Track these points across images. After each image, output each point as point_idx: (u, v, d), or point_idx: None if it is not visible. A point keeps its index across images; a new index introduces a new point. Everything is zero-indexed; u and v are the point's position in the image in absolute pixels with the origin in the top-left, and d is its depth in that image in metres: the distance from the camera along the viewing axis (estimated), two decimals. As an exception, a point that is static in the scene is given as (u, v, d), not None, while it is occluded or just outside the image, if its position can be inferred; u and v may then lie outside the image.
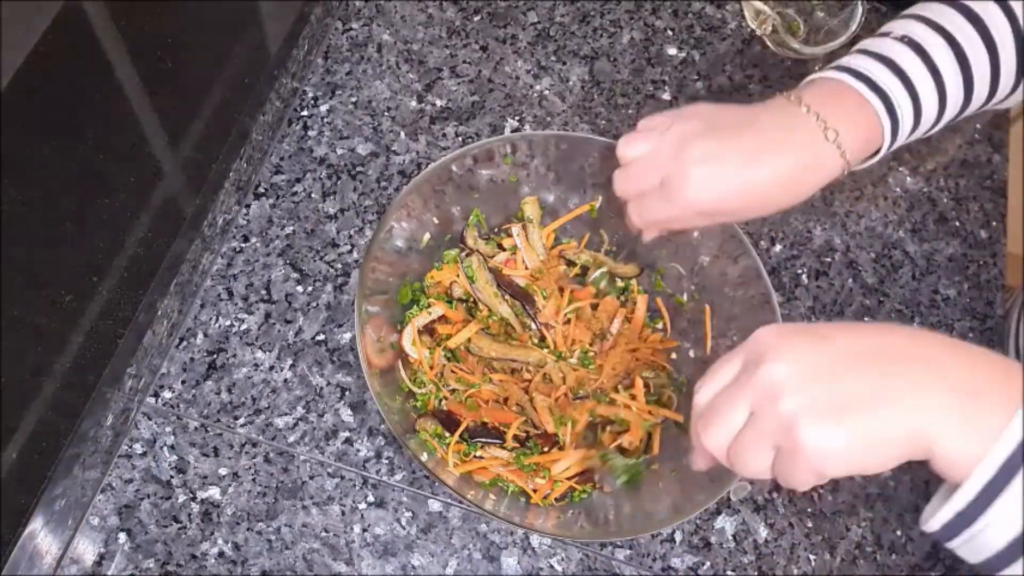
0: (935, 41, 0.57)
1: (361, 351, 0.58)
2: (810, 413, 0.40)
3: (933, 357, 0.40)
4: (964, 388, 0.39)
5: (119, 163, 0.70)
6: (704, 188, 0.55)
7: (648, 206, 0.58)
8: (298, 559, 0.63)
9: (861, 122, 0.56)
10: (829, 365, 0.41)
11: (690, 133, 0.56)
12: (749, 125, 0.56)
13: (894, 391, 0.39)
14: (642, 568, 0.65)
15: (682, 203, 0.55)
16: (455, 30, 0.87)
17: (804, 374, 0.41)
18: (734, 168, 0.55)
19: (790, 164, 0.55)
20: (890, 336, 0.42)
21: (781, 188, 0.56)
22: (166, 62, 0.75)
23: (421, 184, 0.65)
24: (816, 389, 0.40)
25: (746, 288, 0.65)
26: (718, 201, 0.55)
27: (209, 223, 0.71)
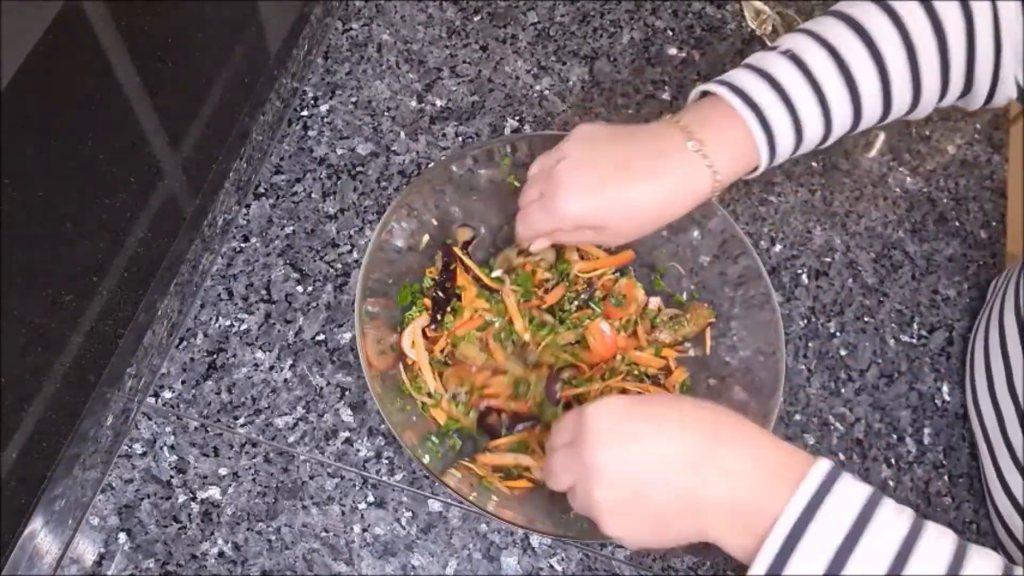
0: (816, 54, 0.57)
1: (362, 353, 0.58)
2: (612, 510, 0.48)
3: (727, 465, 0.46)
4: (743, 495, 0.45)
5: (119, 163, 0.70)
6: (574, 199, 0.57)
7: (530, 217, 0.60)
8: (298, 559, 0.63)
9: (734, 139, 0.57)
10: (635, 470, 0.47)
11: (568, 149, 0.59)
12: (623, 141, 0.58)
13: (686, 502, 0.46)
14: (642, 568, 0.65)
15: (556, 213, 0.57)
16: (455, 30, 0.87)
17: (615, 473, 0.47)
18: (603, 180, 0.57)
19: (659, 179, 0.57)
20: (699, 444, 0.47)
21: (650, 202, 0.57)
22: (166, 62, 0.75)
23: (422, 185, 0.65)
24: (621, 491, 0.47)
25: (746, 288, 0.65)
26: (589, 212, 0.57)
27: (209, 223, 0.71)
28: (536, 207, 0.60)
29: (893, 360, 0.75)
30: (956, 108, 0.66)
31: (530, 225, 0.61)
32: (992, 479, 0.67)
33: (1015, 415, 0.63)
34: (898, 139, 0.86)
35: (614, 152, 0.58)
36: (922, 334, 0.77)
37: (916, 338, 0.76)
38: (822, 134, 0.59)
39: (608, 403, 0.50)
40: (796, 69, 0.57)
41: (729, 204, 0.80)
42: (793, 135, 0.58)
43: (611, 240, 0.63)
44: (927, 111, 0.62)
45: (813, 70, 0.57)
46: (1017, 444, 0.63)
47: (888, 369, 0.75)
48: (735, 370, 0.66)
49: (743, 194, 0.81)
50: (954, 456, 0.72)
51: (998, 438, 0.66)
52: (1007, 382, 0.65)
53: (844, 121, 0.59)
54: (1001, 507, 0.66)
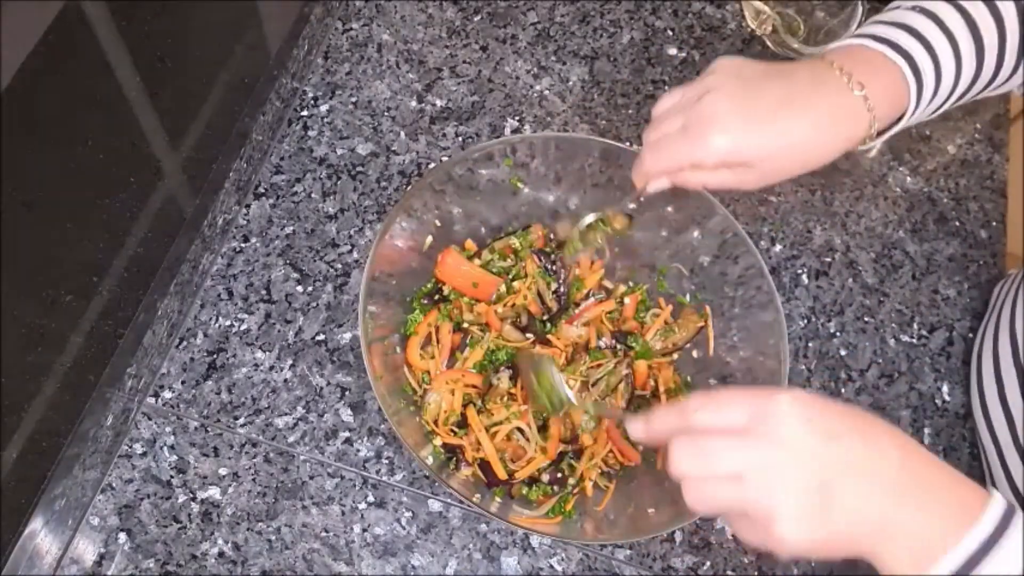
0: (945, 8, 0.57)
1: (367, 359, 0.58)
2: (796, 513, 0.43)
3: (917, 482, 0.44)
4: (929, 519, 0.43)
5: (119, 163, 0.70)
6: (729, 132, 0.53)
7: (666, 147, 0.56)
8: (298, 559, 0.63)
9: (888, 80, 0.56)
10: (830, 472, 0.43)
11: (715, 82, 0.55)
12: (777, 76, 0.56)
13: (871, 512, 0.43)
14: (642, 568, 0.65)
15: (704, 146, 0.54)
16: (455, 30, 0.87)
17: (806, 476, 0.43)
18: (762, 111, 0.54)
19: (819, 112, 0.54)
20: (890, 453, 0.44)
21: (808, 137, 0.54)
22: (166, 62, 0.75)
23: (423, 187, 0.65)
24: (812, 494, 0.43)
25: (746, 288, 0.65)
26: (743, 146, 0.54)
27: (209, 223, 0.71)
28: (675, 138, 0.55)
29: (893, 360, 0.75)
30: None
31: (664, 157, 0.56)
32: (1000, 481, 0.67)
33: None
34: (898, 139, 0.86)
35: (772, 87, 0.55)
36: (922, 334, 0.77)
37: (916, 338, 0.76)
38: (950, 88, 0.58)
39: (801, 393, 0.45)
40: (932, 22, 0.57)
41: (729, 204, 0.80)
42: (934, 84, 0.57)
43: (751, 183, 0.57)
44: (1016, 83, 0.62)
45: (947, 23, 0.57)
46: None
47: (888, 369, 0.75)
48: (735, 370, 0.66)
49: (743, 194, 0.81)
50: (954, 456, 0.72)
51: (1008, 441, 0.66)
52: (1020, 386, 0.65)
53: (968, 77, 0.58)
54: None
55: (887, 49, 0.56)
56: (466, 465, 0.62)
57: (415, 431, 0.62)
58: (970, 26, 0.57)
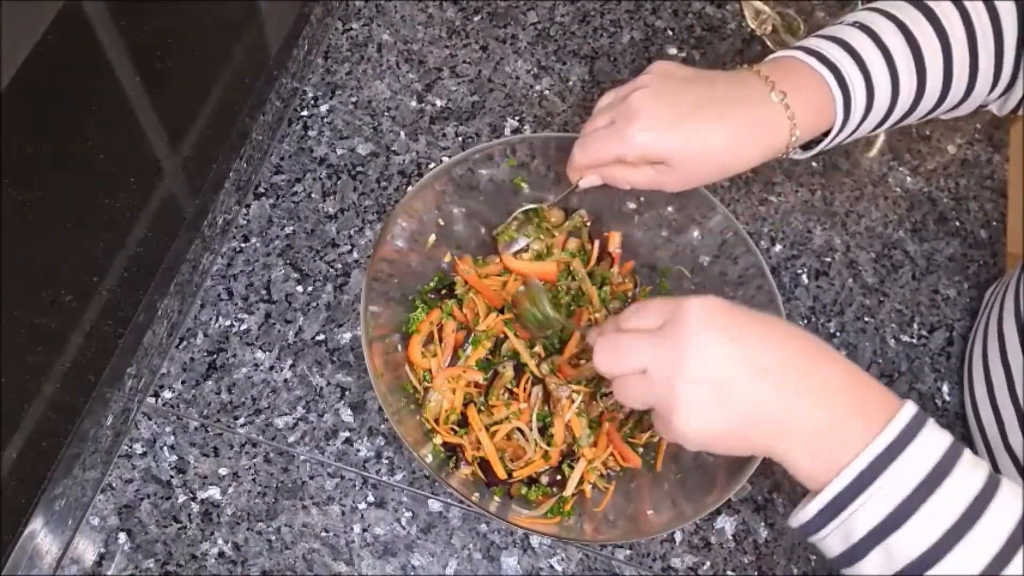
0: (886, 26, 0.58)
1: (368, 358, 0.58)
2: (691, 405, 0.46)
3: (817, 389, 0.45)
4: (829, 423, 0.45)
5: (119, 163, 0.70)
6: (648, 127, 0.55)
7: (593, 142, 0.58)
8: (298, 559, 0.63)
9: (811, 91, 0.57)
10: (726, 371, 0.45)
11: (646, 80, 0.58)
12: (703, 81, 0.58)
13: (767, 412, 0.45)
14: (642, 568, 0.65)
15: (626, 140, 0.56)
16: (455, 30, 0.87)
17: (703, 372, 0.45)
18: (681, 111, 0.55)
19: (737, 117, 0.56)
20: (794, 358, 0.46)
21: (725, 146, 0.56)
22: (166, 62, 0.75)
23: (425, 187, 0.65)
24: (706, 388, 0.45)
25: (746, 288, 0.65)
26: (660, 143, 0.55)
27: (209, 223, 0.71)
28: (603, 133, 0.58)
29: (893, 360, 0.75)
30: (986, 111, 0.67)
31: (592, 151, 0.58)
32: None
33: (1016, 420, 0.63)
34: (898, 139, 0.86)
35: (695, 90, 0.57)
36: (922, 334, 0.77)
37: (916, 338, 0.76)
38: (888, 105, 0.59)
39: (712, 299, 0.48)
40: (868, 37, 0.57)
41: (729, 204, 0.80)
42: (865, 100, 0.58)
43: (672, 184, 0.60)
44: (975, 104, 0.62)
45: (885, 40, 0.57)
46: (1018, 448, 0.63)
47: (888, 369, 0.75)
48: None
49: (743, 194, 0.81)
50: (954, 456, 0.72)
51: (998, 443, 0.66)
52: (1008, 387, 0.65)
53: (908, 95, 0.59)
54: None
55: (814, 61, 0.57)
56: (466, 464, 0.62)
57: (415, 430, 0.62)
58: (909, 42, 0.58)
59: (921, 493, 0.42)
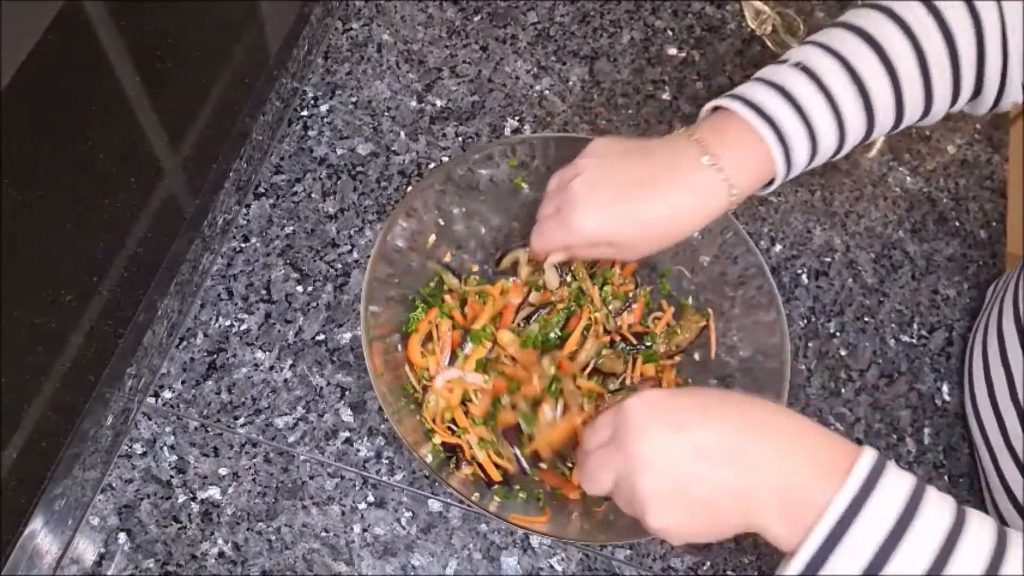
0: (829, 66, 0.57)
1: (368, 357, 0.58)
2: (659, 502, 0.47)
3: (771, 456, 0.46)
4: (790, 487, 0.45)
5: (119, 163, 0.70)
6: (589, 215, 0.57)
7: (546, 232, 0.60)
8: (298, 559, 0.63)
9: (750, 153, 0.57)
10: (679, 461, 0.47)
11: (583, 165, 0.59)
12: (638, 156, 0.58)
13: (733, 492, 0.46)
14: (642, 568, 0.65)
15: (572, 229, 0.57)
16: (455, 30, 0.87)
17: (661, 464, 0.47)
18: (617, 196, 0.57)
19: (674, 195, 0.57)
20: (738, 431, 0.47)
21: (666, 218, 0.57)
22: (166, 62, 0.75)
23: (425, 187, 0.65)
24: (662, 483, 0.47)
25: (746, 288, 0.65)
26: (603, 228, 0.57)
27: (209, 223, 0.71)
28: (552, 222, 0.59)
29: (893, 360, 0.75)
30: (962, 113, 0.66)
31: (546, 240, 0.61)
32: (994, 481, 0.67)
33: (1017, 420, 0.63)
34: (898, 139, 0.86)
35: (629, 168, 0.58)
36: (922, 334, 0.77)
37: (916, 338, 0.76)
38: (836, 145, 0.59)
39: (647, 395, 0.49)
40: (809, 81, 0.57)
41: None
42: (808, 147, 0.57)
43: (626, 255, 0.63)
44: (939, 117, 0.61)
45: (826, 82, 0.57)
46: (1019, 449, 0.63)
47: (888, 369, 0.75)
48: (735, 370, 0.66)
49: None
50: (954, 456, 0.72)
51: (999, 442, 0.66)
52: (1008, 388, 0.65)
53: (858, 131, 0.59)
54: (1004, 510, 0.66)
55: (752, 116, 0.56)
56: (466, 464, 0.62)
57: (415, 430, 0.62)
58: (855, 81, 0.57)
59: (892, 540, 0.42)
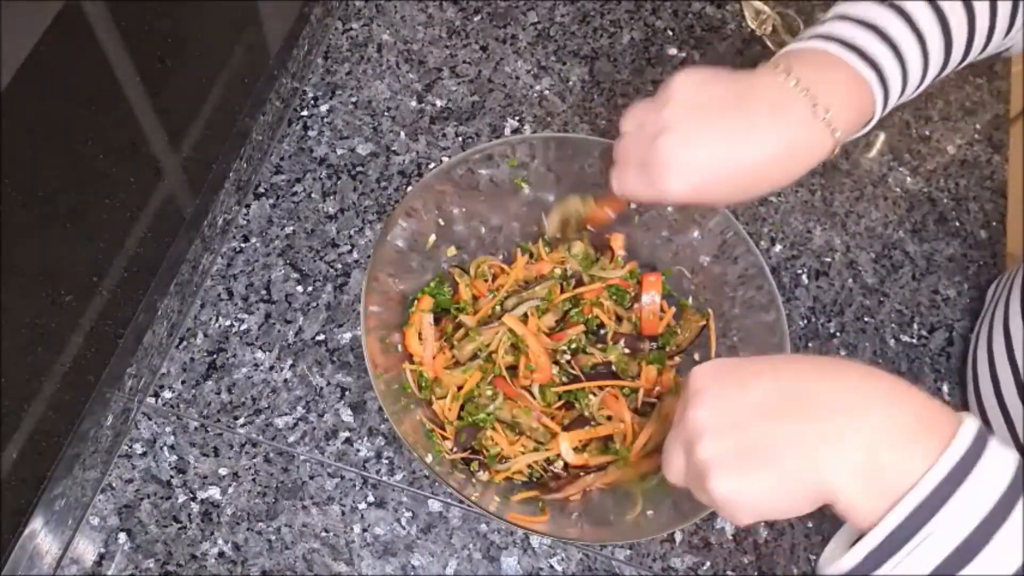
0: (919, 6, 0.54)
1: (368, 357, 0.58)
2: (719, 464, 0.42)
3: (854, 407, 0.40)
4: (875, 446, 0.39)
5: (119, 163, 0.70)
6: (683, 176, 0.52)
7: (630, 184, 0.56)
8: (298, 559, 0.63)
9: (853, 96, 0.53)
10: (746, 414, 0.42)
11: (671, 118, 0.53)
12: (735, 103, 0.53)
13: (801, 445, 0.40)
14: (642, 568, 0.65)
15: (661, 190, 0.53)
16: (455, 30, 0.87)
17: (720, 424, 0.43)
18: (717, 151, 0.52)
19: (778, 144, 0.52)
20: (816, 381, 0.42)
21: (769, 169, 0.53)
22: (166, 62, 0.75)
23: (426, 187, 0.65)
24: (726, 444, 0.42)
25: (746, 288, 0.65)
26: (699, 189, 0.53)
27: (209, 223, 0.71)
28: (636, 177, 0.54)
29: (893, 360, 0.75)
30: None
31: (628, 192, 0.56)
32: None
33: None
34: (898, 139, 0.86)
35: (727, 117, 0.52)
36: (922, 334, 0.77)
37: (916, 338, 0.76)
38: (916, 85, 0.56)
39: (713, 361, 0.46)
40: (902, 20, 0.54)
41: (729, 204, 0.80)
42: (900, 88, 0.55)
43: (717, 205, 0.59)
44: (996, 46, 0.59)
45: (915, 18, 0.54)
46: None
47: (888, 369, 0.74)
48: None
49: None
50: (954, 456, 0.72)
51: (1006, 438, 0.66)
52: (1016, 386, 0.65)
53: (935, 70, 0.56)
54: None
55: (855, 59, 0.53)
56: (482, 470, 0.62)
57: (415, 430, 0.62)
58: (942, 24, 0.55)
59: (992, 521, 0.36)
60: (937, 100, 0.88)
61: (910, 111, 0.87)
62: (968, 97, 0.89)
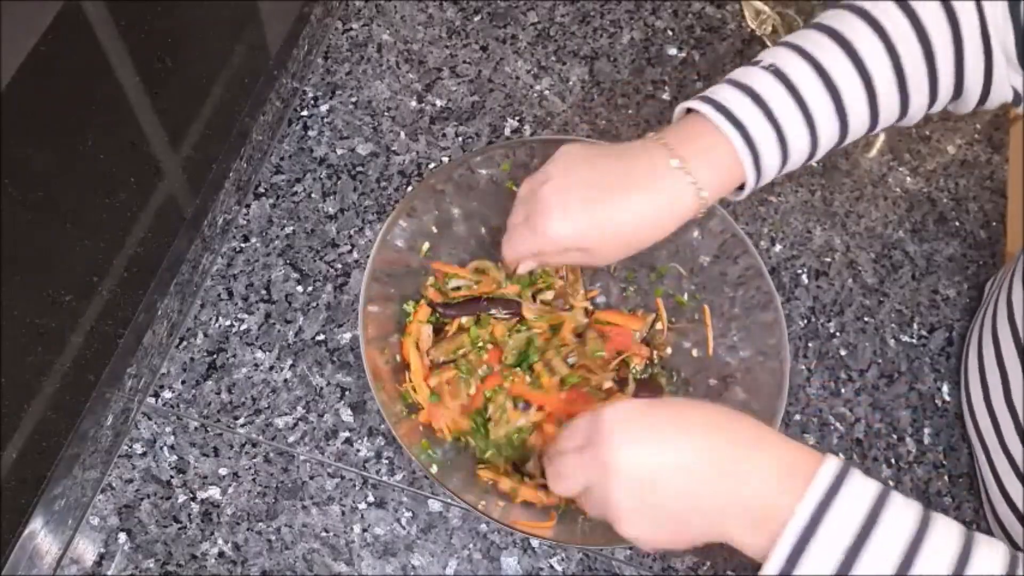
0: (800, 67, 0.56)
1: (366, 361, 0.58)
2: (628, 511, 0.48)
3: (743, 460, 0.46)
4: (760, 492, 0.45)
5: (119, 163, 0.70)
6: (557, 222, 0.56)
7: (515, 239, 0.60)
8: (298, 559, 0.63)
9: (719, 157, 0.56)
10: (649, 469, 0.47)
11: (551, 171, 0.58)
12: (605, 161, 0.58)
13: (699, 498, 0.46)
14: (642, 568, 0.65)
15: (541, 235, 0.57)
16: (455, 30, 0.87)
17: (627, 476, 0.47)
18: (586, 201, 0.56)
19: (642, 198, 0.56)
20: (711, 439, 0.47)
21: (634, 222, 0.57)
22: (166, 62, 0.75)
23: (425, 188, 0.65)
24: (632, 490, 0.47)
25: (746, 288, 0.65)
26: (572, 234, 0.56)
27: (209, 223, 0.71)
28: (522, 229, 0.59)
29: (893, 360, 0.75)
30: (948, 113, 0.65)
31: (515, 247, 0.60)
32: (991, 484, 0.67)
33: (1012, 424, 0.63)
34: (898, 139, 0.86)
35: (596, 173, 0.57)
36: (922, 334, 0.77)
37: (916, 338, 0.76)
38: (808, 150, 0.58)
39: (626, 405, 0.50)
40: (780, 84, 0.56)
41: (729, 204, 0.80)
42: (779, 152, 0.57)
43: (597, 261, 0.62)
44: (917, 118, 0.60)
45: (797, 85, 0.56)
46: (1016, 452, 0.63)
47: (888, 369, 0.75)
48: (735, 371, 0.66)
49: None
50: (954, 456, 0.72)
51: (995, 445, 0.66)
52: (1003, 391, 0.65)
53: (831, 136, 0.58)
54: (1001, 513, 0.66)
55: (721, 119, 0.55)
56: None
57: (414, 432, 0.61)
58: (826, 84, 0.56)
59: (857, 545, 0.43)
60: (937, 100, 0.88)
61: (910, 111, 0.87)
62: (968, 97, 0.89)
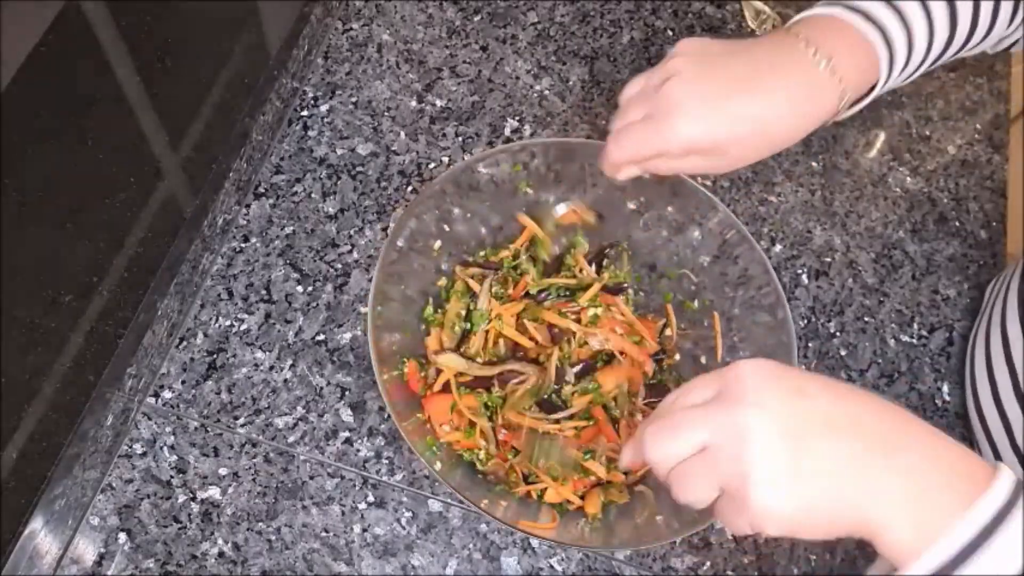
0: None
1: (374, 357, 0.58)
2: (769, 473, 0.39)
3: (906, 444, 0.40)
4: (925, 484, 0.38)
5: (119, 163, 0.70)
6: (692, 119, 0.51)
7: (631, 137, 0.54)
8: (298, 559, 0.63)
9: (858, 52, 0.53)
10: (801, 428, 0.40)
11: (677, 65, 0.53)
12: (739, 54, 0.53)
13: (855, 472, 0.39)
14: (642, 568, 0.65)
15: (668, 134, 0.52)
16: (455, 30, 0.87)
17: (775, 431, 0.40)
18: (725, 93, 0.52)
19: (784, 90, 0.52)
20: (870, 413, 0.41)
21: (776, 116, 0.52)
22: (166, 62, 0.75)
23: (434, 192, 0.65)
24: (782, 450, 0.39)
25: (747, 288, 0.65)
26: (708, 132, 0.52)
27: (209, 223, 0.71)
28: (641, 128, 0.53)
29: (893, 360, 0.75)
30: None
31: (629, 146, 0.54)
32: None
33: (1022, 420, 0.63)
34: (898, 139, 0.86)
35: (732, 66, 0.52)
36: (922, 334, 0.77)
37: (916, 338, 0.76)
38: (921, 57, 0.56)
39: (761, 361, 0.42)
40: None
41: (729, 204, 0.80)
42: (905, 55, 0.54)
43: (722, 167, 0.55)
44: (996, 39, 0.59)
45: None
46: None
47: (888, 369, 0.75)
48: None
49: (743, 194, 0.81)
50: (954, 456, 0.72)
51: (1004, 442, 0.66)
52: (1013, 387, 0.65)
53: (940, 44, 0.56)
54: None
55: (859, 20, 0.53)
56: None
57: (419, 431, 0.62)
58: None
59: None
60: (937, 100, 0.88)
61: (910, 111, 0.87)
62: (968, 97, 0.89)
